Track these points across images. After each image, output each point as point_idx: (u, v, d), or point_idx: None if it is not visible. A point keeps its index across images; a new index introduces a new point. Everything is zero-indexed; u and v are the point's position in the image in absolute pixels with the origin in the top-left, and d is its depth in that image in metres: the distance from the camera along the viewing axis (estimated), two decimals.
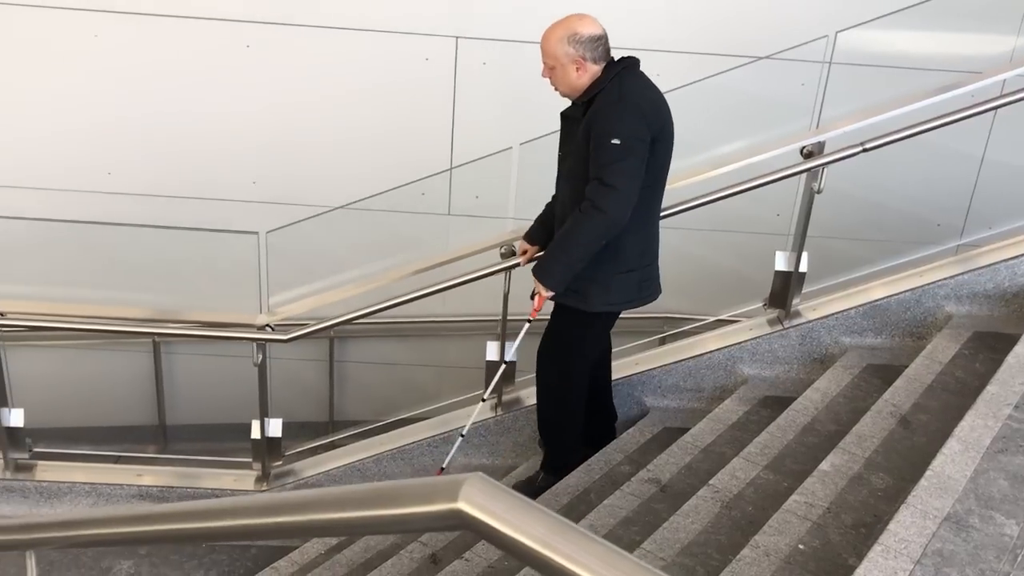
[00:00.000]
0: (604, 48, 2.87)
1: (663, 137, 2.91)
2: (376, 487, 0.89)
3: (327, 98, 4.62)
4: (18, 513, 3.72)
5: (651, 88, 2.96)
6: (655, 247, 3.12)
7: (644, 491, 3.02)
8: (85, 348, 4.84)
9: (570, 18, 2.88)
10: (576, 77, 2.87)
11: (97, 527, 1.22)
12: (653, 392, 3.64)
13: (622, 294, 3.07)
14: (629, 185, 2.80)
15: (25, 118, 4.62)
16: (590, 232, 2.87)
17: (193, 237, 4.08)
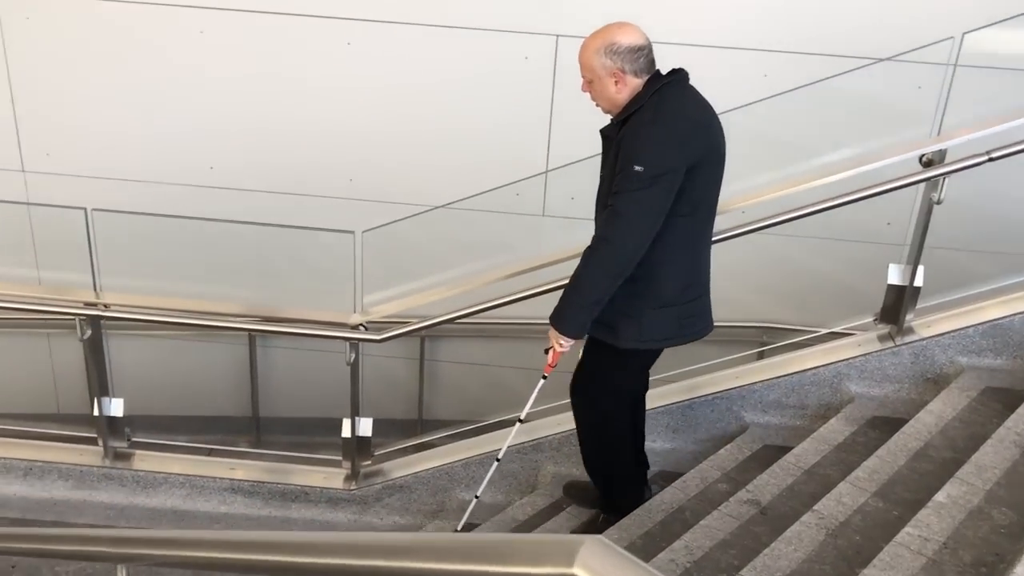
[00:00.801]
0: (647, 60, 2.59)
1: (708, 161, 2.63)
2: (484, 540, 0.82)
3: (425, 97, 4.60)
4: (115, 502, 3.80)
5: (699, 106, 2.68)
6: (703, 279, 2.84)
7: (743, 512, 2.89)
8: (183, 339, 4.94)
9: (609, 27, 2.60)
10: (615, 91, 2.60)
11: (193, 549, 1.18)
12: (753, 407, 3.50)
13: (657, 330, 2.77)
14: (644, 217, 2.54)
15: (130, 113, 4.73)
16: (598, 267, 2.61)
17: (290, 234, 4.10)
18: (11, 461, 3.82)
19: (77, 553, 1.43)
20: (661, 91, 2.60)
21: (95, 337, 3.68)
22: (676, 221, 2.59)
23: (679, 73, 2.68)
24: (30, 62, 4.66)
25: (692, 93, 2.70)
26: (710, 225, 2.81)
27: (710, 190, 2.71)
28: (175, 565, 1.22)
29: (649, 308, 2.72)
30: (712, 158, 2.66)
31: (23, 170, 4.82)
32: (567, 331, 2.72)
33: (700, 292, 2.83)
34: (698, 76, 4.15)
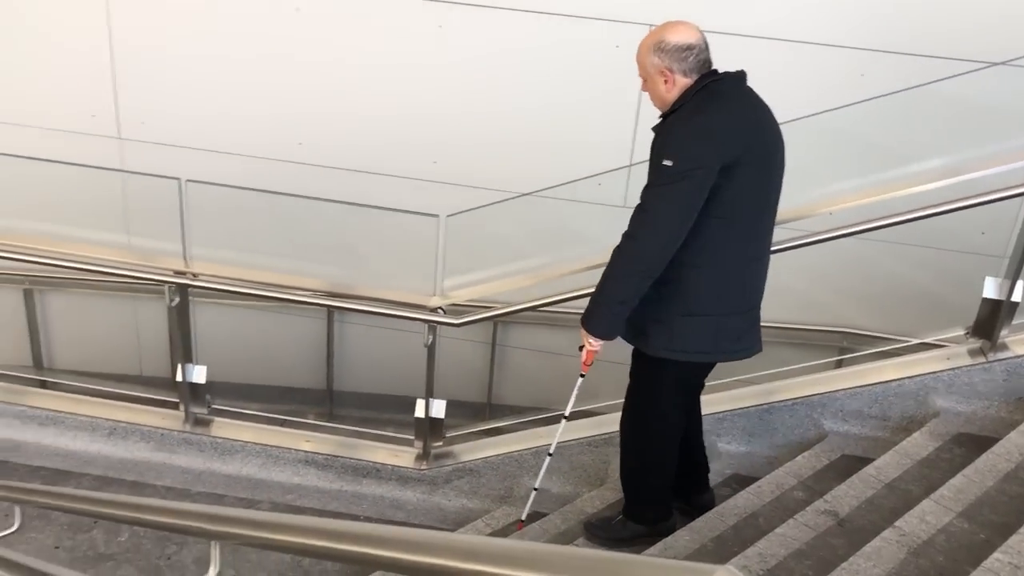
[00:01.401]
0: (697, 59, 2.51)
1: (749, 163, 2.49)
2: (608, 557, 0.81)
3: (513, 82, 4.58)
4: (193, 466, 3.90)
5: (748, 106, 2.58)
6: (747, 293, 2.67)
7: (819, 523, 2.83)
8: (264, 311, 5.03)
9: (663, 25, 2.55)
10: (665, 90, 2.55)
11: (287, 534, 1.19)
12: (833, 416, 3.42)
13: (689, 342, 2.63)
14: (669, 213, 2.44)
15: (224, 87, 4.82)
16: (622, 266, 2.51)
17: (375, 214, 4.13)
18: (97, 420, 3.94)
19: (174, 526, 1.46)
20: (707, 88, 2.52)
21: (182, 304, 3.78)
22: (709, 223, 2.48)
23: (734, 74, 2.59)
24: (132, 32, 4.78)
25: (744, 93, 2.61)
26: (758, 235, 2.66)
27: (753, 194, 2.57)
28: (271, 548, 1.24)
29: (679, 315, 2.61)
30: (756, 160, 2.54)
31: (119, 137, 4.95)
32: (594, 331, 2.65)
33: (743, 307, 2.68)
34: (789, 73, 4.08)
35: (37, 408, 3.99)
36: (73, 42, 4.84)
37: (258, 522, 1.27)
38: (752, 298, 2.71)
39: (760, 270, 2.71)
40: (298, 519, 1.19)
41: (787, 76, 4.22)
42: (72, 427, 3.98)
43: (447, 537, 0.96)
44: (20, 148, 4.23)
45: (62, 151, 4.26)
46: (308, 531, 1.17)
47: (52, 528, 3.62)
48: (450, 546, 0.95)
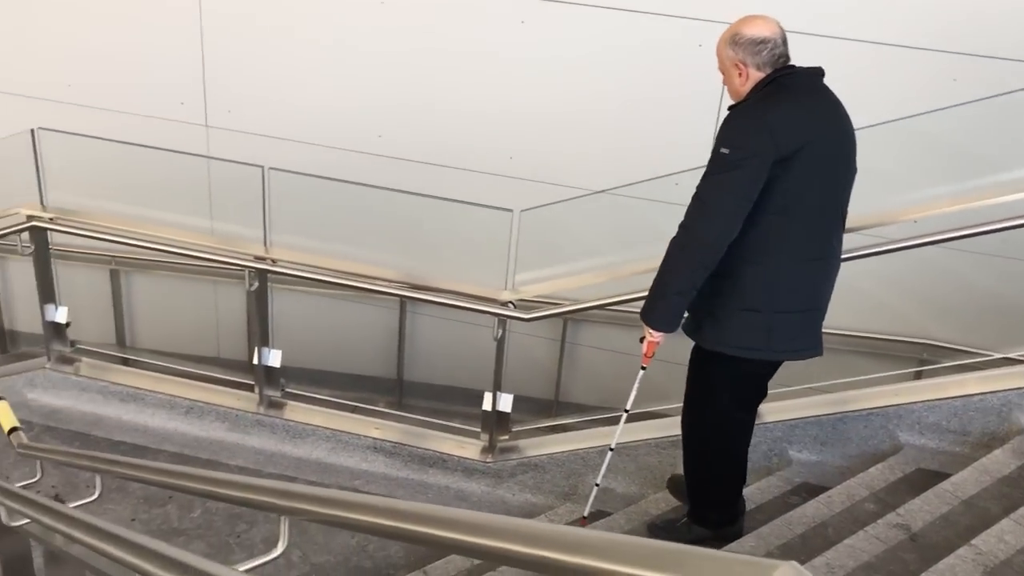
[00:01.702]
0: (772, 54, 2.49)
1: (809, 157, 2.45)
2: (672, 548, 0.80)
3: (593, 79, 4.57)
4: (265, 447, 3.99)
5: (817, 101, 2.55)
6: (803, 295, 2.60)
7: (891, 536, 2.76)
8: (338, 299, 5.12)
9: (742, 19, 2.54)
10: (739, 83, 2.55)
11: (357, 512, 1.21)
12: (910, 428, 3.33)
13: (742, 337, 2.59)
14: (723, 202, 2.42)
15: (308, 78, 4.91)
16: (676, 255, 2.52)
17: (449, 207, 4.17)
18: (175, 399, 4.07)
19: (245, 500, 1.49)
20: (777, 81, 2.51)
21: (261, 289, 3.87)
22: (765, 218, 2.45)
23: (808, 69, 2.56)
24: (222, 22, 4.90)
25: (815, 89, 2.58)
26: (820, 234, 2.59)
27: (813, 191, 2.51)
28: (340, 525, 1.26)
29: (733, 309, 2.58)
30: (817, 157, 2.48)
31: (206, 125, 5.09)
32: (652, 322, 2.65)
33: (800, 307, 2.62)
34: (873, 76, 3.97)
35: (119, 384, 4.14)
36: (165, 32, 4.99)
37: (329, 499, 1.30)
38: (811, 299, 2.64)
39: (823, 270, 2.65)
40: (370, 498, 1.21)
41: (871, 79, 4.12)
42: (151, 404, 4.11)
43: (516, 523, 0.97)
44: (113, 133, 4.39)
45: (152, 137, 4.39)
46: (380, 510, 1.18)
47: (129, 501, 3.75)
48: (515, 531, 0.95)
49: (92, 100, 5.13)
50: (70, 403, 4.18)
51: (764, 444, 3.50)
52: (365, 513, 1.21)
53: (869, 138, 3.89)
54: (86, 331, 4.68)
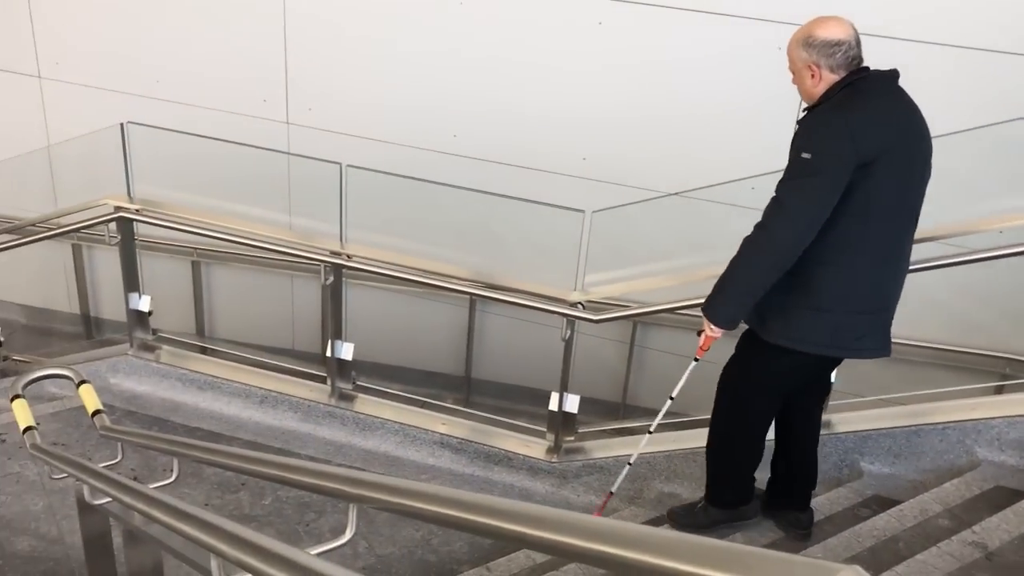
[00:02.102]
0: (846, 56, 2.48)
1: (889, 162, 2.45)
2: (732, 548, 0.81)
3: (669, 82, 4.55)
4: (335, 439, 4.07)
5: (895, 105, 2.53)
6: (878, 293, 2.60)
7: (965, 554, 2.69)
8: (409, 295, 5.19)
9: (815, 20, 2.53)
10: (812, 84, 2.54)
11: (424, 502, 1.24)
12: (989, 444, 3.24)
13: (807, 333, 2.60)
14: (803, 206, 2.43)
15: (387, 79, 5.00)
16: (749, 255, 2.53)
17: (522, 206, 4.20)
18: (251, 388, 4.18)
19: (316, 486, 1.53)
20: (854, 85, 2.50)
21: (336, 284, 3.95)
22: (842, 220, 2.45)
23: (884, 72, 2.55)
24: (304, 23, 5.02)
25: (892, 92, 2.56)
26: (894, 237, 2.59)
27: (890, 195, 2.50)
28: (406, 514, 1.29)
29: (801, 308, 2.58)
30: (896, 161, 2.48)
31: (287, 122, 5.22)
32: (716, 320, 2.66)
33: (871, 308, 2.61)
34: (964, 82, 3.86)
35: (197, 372, 4.26)
36: (251, 32, 5.13)
37: (396, 488, 1.32)
38: (881, 300, 2.64)
39: (894, 273, 2.64)
40: (437, 488, 1.23)
41: (956, 83, 4.01)
42: (227, 393, 4.22)
43: (580, 517, 0.98)
44: (197, 128, 4.53)
45: (235, 133, 4.52)
46: (446, 501, 1.21)
47: (203, 486, 3.86)
48: (580, 526, 0.96)
49: (179, 96, 5.30)
50: (150, 389, 4.32)
51: (835, 455, 3.44)
52: (431, 503, 1.24)
53: (954, 145, 3.80)
54: (167, 320, 4.84)
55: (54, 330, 6.20)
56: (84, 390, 2.92)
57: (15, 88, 5.71)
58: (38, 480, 3.78)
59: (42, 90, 5.68)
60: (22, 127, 5.77)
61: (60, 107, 5.71)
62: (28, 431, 2.80)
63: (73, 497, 2.90)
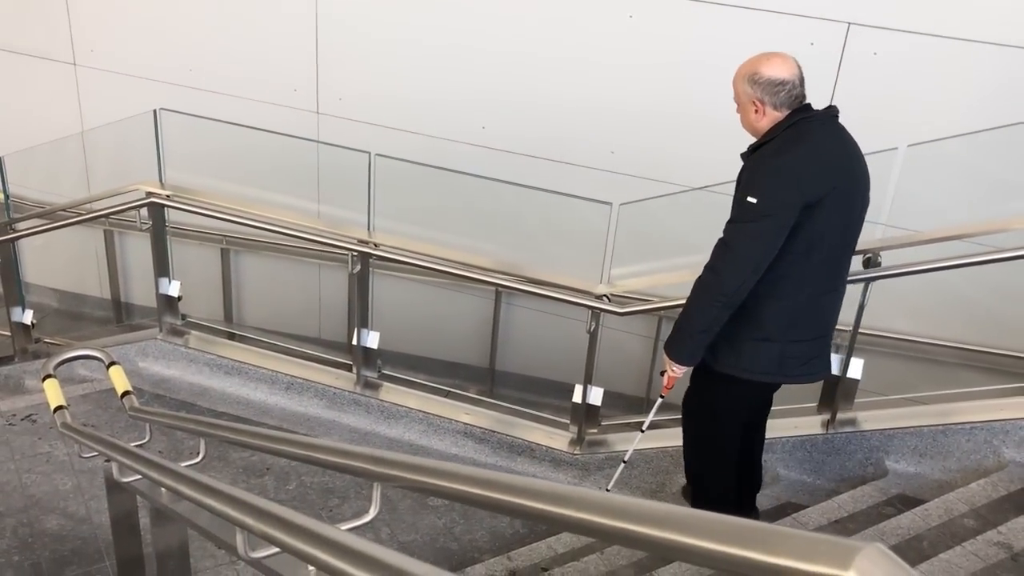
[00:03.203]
0: (789, 95, 2.58)
1: (832, 202, 2.55)
2: (754, 526, 0.81)
3: (698, 76, 4.52)
4: (360, 426, 4.10)
5: (836, 145, 2.63)
6: (816, 324, 2.75)
7: (990, 554, 2.67)
8: (435, 286, 5.21)
9: (760, 56, 2.63)
10: (756, 119, 2.64)
11: (448, 480, 1.25)
12: (1017, 445, 3.21)
13: (755, 363, 2.73)
14: (751, 250, 2.53)
15: (417, 71, 5.01)
16: (702, 297, 2.65)
17: (547, 198, 4.20)
18: (277, 374, 4.22)
19: (341, 465, 1.55)
20: (797, 125, 2.58)
21: (363, 272, 3.97)
22: (787, 258, 2.56)
23: (824, 111, 2.65)
24: (336, 13, 5.04)
25: (832, 132, 2.66)
26: (835, 269, 2.73)
27: (833, 232, 2.62)
28: (429, 493, 1.30)
29: (750, 338, 2.70)
30: (838, 200, 2.59)
31: (317, 112, 5.25)
32: (676, 358, 2.78)
33: (813, 335, 2.75)
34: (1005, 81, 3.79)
35: (225, 358, 4.31)
36: (282, 22, 5.16)
37: (419, 467, 1.34)
38: (822, 327, 2.79)
39: (834, 301, 2.80)
40: (459, 467, 1.24)
41: (995, 81, 3.96)
42: (254, 378, 4.27)
43: (602, 496, 0.99)
44: (229, 117, 4.57)
45: (265, 122, 4.55)
46: (468, 479, 1.21)
47: (229, 469, 3.91)
48: (601, 504, 0.97)
49: (211, 85, 5.35)
50: (178, 373, 4.38)
51: (860, 452, 3.42)
52: (454, 481, 1.25)
53: (984, 142, 3.76)
54: (196, 306, 4.90)
55: (85, 314, 6.28)
56: (114, 371, 2.97)
57: (51, 75, 5.79)
58: (67, 460, 3.84)
59: (77, 77, 5.75)
60: (57, 114, 5.85)
61: (94, 94, 5.78)
62: (59, 410, 2.85)
63: (101, 477, 2.95)
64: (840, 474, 3.47)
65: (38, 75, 5.85)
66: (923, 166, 3.88)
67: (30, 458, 3.85)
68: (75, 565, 3.26)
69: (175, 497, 2.16)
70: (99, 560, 3.28)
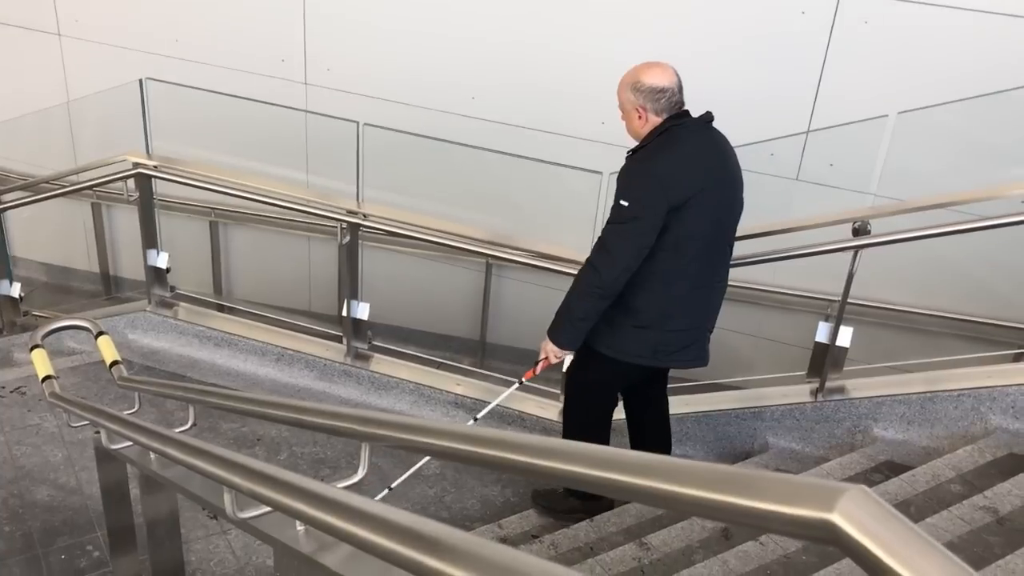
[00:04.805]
0: (669, 101, 2.76)
1: (699, 204, 2.73)
2: (738, 472, 0.81)
3: (686, 46, 4.49)
4: (351, 397, 4.10)
5: (706, 150, 2.80)
6: (691, 315, 2.93)
7: (976, 518, 2.69)
8: (426, 258, 5.20)
9: (642, 65, 2.80)
10: (639, 125, 2.81)
11: (433, 437, 1.25)
12: (1004, 411, 3.22)
13: (630, 347, 2.94)
14: (623, 249, 2.73)
15: (405, 40, 4.97)
16: (581, 288, 2.84)
17: (539, 168, 4.19)
18: (267, 346, 4.21)
19: (328, 427, 1.55)
20: (670, 131, 2.75)
21: (352, 243, 3.95)
22: (659, 254, 2.75)
23: (698, 118, 2.80)
24: None
25: (705, 138, 2.82)
26: (708, 265, 2.89)
27: (703, 231, 2.79)
28: (416, 451, 1.30)
29: (626, 326, 2.90)
30: (707, 202, 2.75)
31: (305, 83, 5.21)
32: (558, 342, 2.95)
33: (686, 326, 2.93)
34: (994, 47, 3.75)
35: (214, 330, 4.30)
36: None
37: (406, 425, 1.34)
38: (695, 319, 2.96)
39: (710, 295, 2.97)
40: (446, 424, 1.24)
41: (979, 47, 3.95)
42: (244, 350, 4.26)
43: (587, 448, 0.99)
44: (216, 88, 4.53)
45: (253, 93, 4.52)
46: (456, 436, 1.21)
47: (220, 440, 3.91)
48: (587, 454, 0.97)
49: (198, 55, 5.30)
50: (168, 345, 4.36)
51: (848, 420, 3.44)
52: (441, 439, 1.25)
53: (977, 111, 3.76)
54: (185, 279, 4.87)
55: (73, 288, 6.26)
56: (102, 341, 2.95)
57: (35, 46, 5.73)
58: (57, 432, 3.84)
59: (62, 48, 5.69)
60: (42, 85, 5.80)
61: (80, 65, 5.73)
62: (47, 380, 2.84)
63: (92, 448, 2.94)
64: (829, 441, 3.49)
65: (22, 46, 5.79)
66: (918, 136, 3.88)
67: (20, 430, 3.85)
68: (66, 535, 3.26)
69: (165, 463, 2.16)
70: (90, 530, 3.28)
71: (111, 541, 2.96)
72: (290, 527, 1.48)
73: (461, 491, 3.66)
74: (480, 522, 3.45)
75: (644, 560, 2.79)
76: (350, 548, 1.30)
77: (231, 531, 3.27)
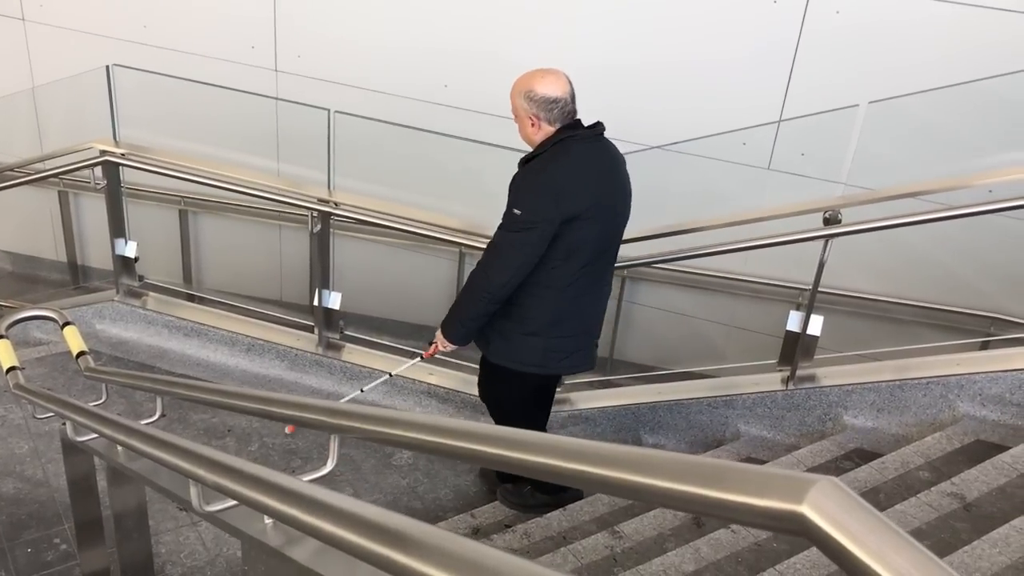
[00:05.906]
0: (562, 111, 2.78)
1: (591, 215, 2.78)
2: (707, 463, 0.81)
3: (660, 31, 4.49)
4: (322, 387, 4.08)
5: (598, 162, 2.84)
6: (578, 322, 2.99)
7: (943, 504, 2.72)
8: (398, 248, 5.17)
9: (535, 73, 2.80)
10: (532, 132, 2.84)
11: (402, 429, 1.24)
12: (971, 399, 3.26)
13: (522, 355, 3.00)
14: (514, 256, 2.78)
15: (377, 27, 4.93)
16: (474, 291, 2.89)
17: (512, 157, 4.15)
18: (237, 336, 4.17)
19: (295, 418, 1.53)
20: (564, 143, 2.77)
21: (324, 232, 3.92)
22: (549, 262, 2.80)
23: (592, 128, 2.85)
24: None
25: (596, 149, 2.86)
26: (596, 273, 2.94)
27: (593, 241, 2.84)
28: (385, 442, 1.28)
29: (517, 332, 2.95)
30: (598, 213, 2.80)
31: (276, 70, 5.14)
32: (449, 338, 3.04)
33: (574, 332, 2.99)
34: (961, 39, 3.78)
35: (184, 319, 4.25)
36: None
37: (374, 416, 1.32)
38: (583, 325, 3.03)
39: (596, 302, 3.05)
40: (414, 415, 1.23)
41: (947, 39, 3.98)
42: (214, 340, 4.21)
43: (556, 440, 0.98)
44: (185, 75, 4.46)
45: (222, 80, 4.45)
46: (424, 427, 1.20)
47: (190, 431, 3.87)
48: (555, 446, 0.96)
49: (166, 42, 5.23)
50: (136, 336, 4.31)
51: (819, 408, 3.46)
52: (410, 430, 1.23)
53: (946, 101, 3.79)
54: (154, 268, 4.81)
55: (40, 277, 6.17)
56: (68, 331, 2.91)
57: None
58: (23, 424, 3.78)
59: (26, 33, 5.58)
60: (5, 72, 5.69)
61: (45, 51, 5.62)
62: (11, 371, 2.79)
63: (58, 441, 2.90)
64: (799, 429, 3.51)
65: None
66: (889, 126, 3.91)
67: None
68: (33, 528, 3.21)
69: (132, 456, 2.13)
70: (57, 523, 3.24)
71: (78, 534, 2.92)
72: (258, 520, 1.46)
73: (434, 481, 3.65)
74: (453, 512, 3.44)
75: (617, 548, 2.80)
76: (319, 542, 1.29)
77: (201, 523, 3.24)
